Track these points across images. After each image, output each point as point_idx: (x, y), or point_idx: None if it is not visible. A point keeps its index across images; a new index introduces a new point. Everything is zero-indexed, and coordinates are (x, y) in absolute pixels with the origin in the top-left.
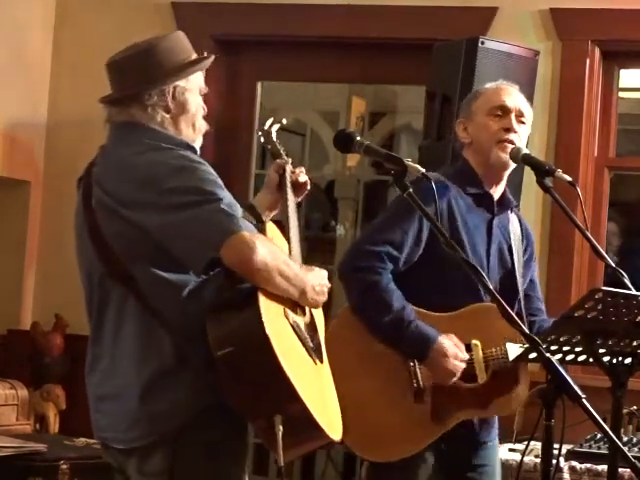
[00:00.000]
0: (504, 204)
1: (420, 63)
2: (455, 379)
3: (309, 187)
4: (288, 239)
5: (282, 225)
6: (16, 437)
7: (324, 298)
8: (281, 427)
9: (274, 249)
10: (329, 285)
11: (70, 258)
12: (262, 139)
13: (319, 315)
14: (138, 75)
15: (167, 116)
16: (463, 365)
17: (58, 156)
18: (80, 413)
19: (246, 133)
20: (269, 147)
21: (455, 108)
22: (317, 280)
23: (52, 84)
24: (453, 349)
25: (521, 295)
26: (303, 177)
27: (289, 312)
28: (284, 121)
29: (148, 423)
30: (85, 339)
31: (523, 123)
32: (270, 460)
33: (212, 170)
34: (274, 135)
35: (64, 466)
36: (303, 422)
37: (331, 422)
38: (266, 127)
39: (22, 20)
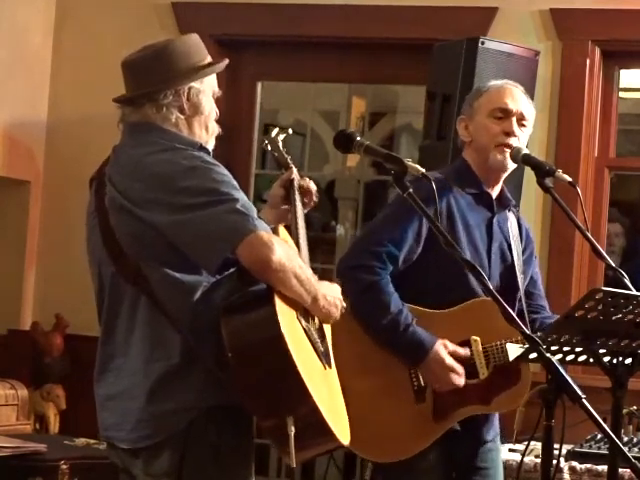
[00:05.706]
0: (503, 203)
1: (420, 63)
2: (450, 388)
3: (315, 198)
4: (297, 248)
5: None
6: (16, 437)
7: (337, 311)
8: (293, 428)
9: (290, 251)
10: (344, 303)
11: (70, 258)
12: (269, 147)
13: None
14: (153, 75)
15: (181, 117)
16: (460, 382)
17: (58, 156)
18: (80, 413)
19: (246, 133)
20: (276, 155)
21: (455, 108)
22: (329, 291)
23: (52, 84)
24: (450, 360)
25: (522, 293)
26: (311, 185)
27: (301, 317)
28: (290, 131)
29: (154, 423)
30: (85, 339)
31: (524, 126)
32: (270, 460)
33: (226, 171)
34: (280, 144)
35: (64, 466)
36: (314, 425)
37: (340, 426)
38: (272, 136)
39: (22, 20)
